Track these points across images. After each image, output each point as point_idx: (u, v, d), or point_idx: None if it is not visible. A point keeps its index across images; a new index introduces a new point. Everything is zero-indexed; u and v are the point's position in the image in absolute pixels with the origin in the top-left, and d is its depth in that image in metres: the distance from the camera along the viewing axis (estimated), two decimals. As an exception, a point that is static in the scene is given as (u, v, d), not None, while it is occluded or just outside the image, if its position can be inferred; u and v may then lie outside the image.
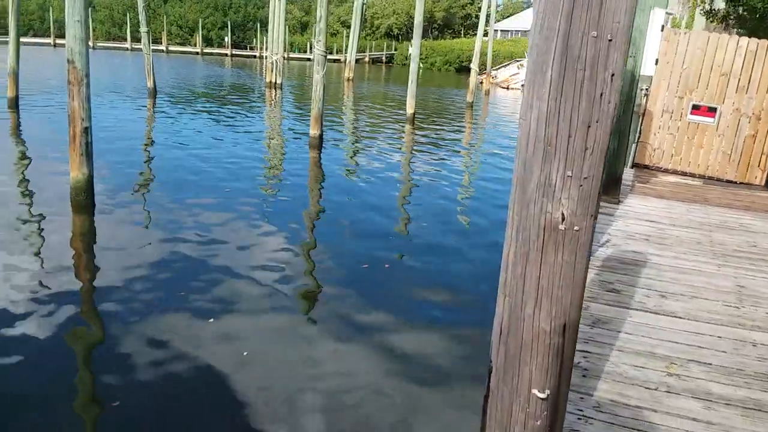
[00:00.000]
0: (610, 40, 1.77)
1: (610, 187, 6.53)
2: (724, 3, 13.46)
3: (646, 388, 3.03)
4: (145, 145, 13.64)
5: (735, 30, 14.68)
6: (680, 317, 3.86)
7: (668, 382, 3.09)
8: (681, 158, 8.54)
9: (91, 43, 56.66)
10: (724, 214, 6.58)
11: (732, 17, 14.08)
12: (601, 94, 1.82)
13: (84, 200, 8.06)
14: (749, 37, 8.34)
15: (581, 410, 2.83)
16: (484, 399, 2.26)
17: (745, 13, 13.39)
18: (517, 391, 2.10)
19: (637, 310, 3.94)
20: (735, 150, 8.24)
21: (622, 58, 1.82)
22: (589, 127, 1.84)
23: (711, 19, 14.03)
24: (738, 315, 3.91)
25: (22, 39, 18.36)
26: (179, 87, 26.99)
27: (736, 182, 8.27)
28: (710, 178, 8.40)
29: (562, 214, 1.90)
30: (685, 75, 8.25)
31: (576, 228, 1.92)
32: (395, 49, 68.79)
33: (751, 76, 7.96)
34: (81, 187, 8.05)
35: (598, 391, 3.00)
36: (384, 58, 67.81)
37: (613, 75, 1.81)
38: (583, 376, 3.13)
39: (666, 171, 8.58)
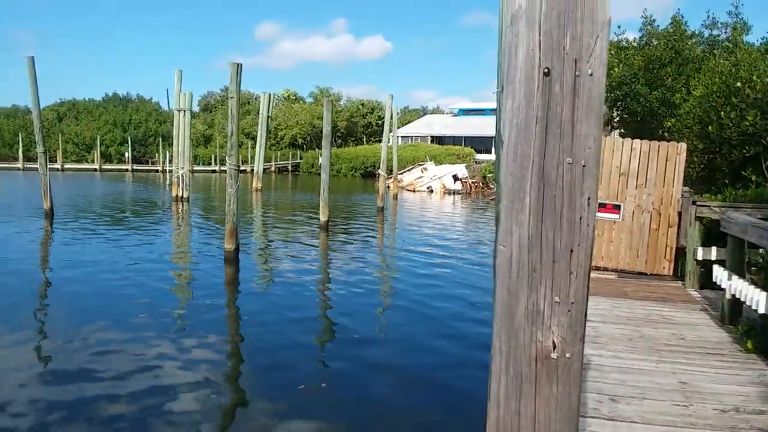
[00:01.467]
0: (584, 166, 1.79)
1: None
2: (606, 108, 14.77)
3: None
4: (41, 271, 12.71)
5: (618, 132, 16.09)
6: (635, 422, 3.82)
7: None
8: (594, 254, 8.91)
9: (-21, 164, 53.93)
10: (645, 307, 6.82)
11: (615, 120, 15.45)
12: (581, 218, 1.81)
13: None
14: (632, 138, 9.10)
15: None
16: None
17: (626, 116, 14.74)
18: None
19: (594, 417, 3.87)
20: (642, 244, 8.72)
21: (596, 182, 1.84)
22: (572, 251, 1.81)
23: (597, 123, 15.31)
24: (689, 414, 3.92)
25: None
26: (79, 206, 25.85)
27: (647, 274, 8.69)
28: (623, 271, 8.79)
29: (553, 342, 1.83)
30: (588, 176, 8.79)
31: (568, 355, 1.84)
32: (300, 158, 70.13)
33: (647, 174, 8.60)
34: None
35: None
36: (290, 166, 68.82)
37: (589, 199, 1.82)
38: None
39: (582, 267, 8.91)
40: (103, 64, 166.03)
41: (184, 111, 27.68)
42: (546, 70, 1.77)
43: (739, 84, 9.03)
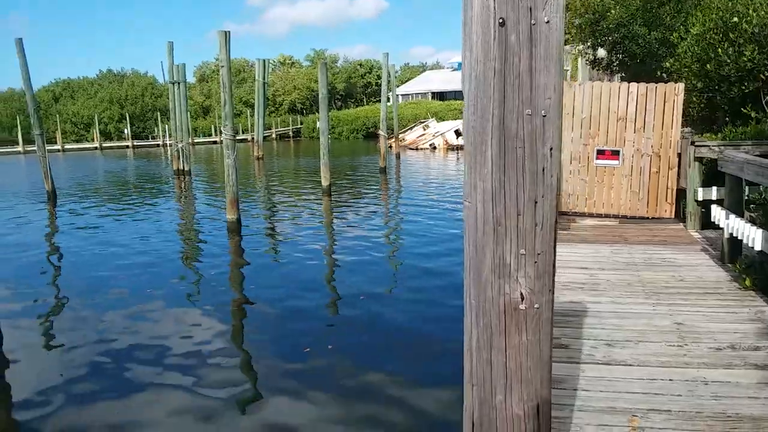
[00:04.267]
0: (544, 116, 1.77)
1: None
2: (605, 52, 14.50)
3: (615, 448, 2.96)
4: (48, 252, 12.83)
5: (619, 76, 15.82)
6: (630, 365, 3.86)
7: (635, 437, 3.04)
8: (595, 201, 8.90)
9: (-20, 150, 53.98)
10: (646, 251, 6.83)
11: (615, 64, 15.18)
12: (543, 169, 1.80)
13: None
14: (631, 80, 8.96)
15: (557, 484, 2.71)
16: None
17: (626, 59, 14.47)
18: (501, 488, 1.96)
19: (588, 363, 3.92)
20: (642, 188, 8.68)
21: (558, 132, 1.82)
22: (536, 202, 1.81)
23: (596, 67, 15.06)
24: (683, 354, 3.97)
25: None
26: (81, 186, 25.93)
27: (648, 218, 8.67)
28: (624, 216, 8.78)
29: (521, 294, 1.84)
30: (585, 123, 8.71)
31: (536, 306, 1.86)
32: (301, 123, 69.66)
33: (645, 117, 8.50)
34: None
35: (570, 459, 2.90)
36: (291, 132, 68.46)
37: (551, 149, 1.80)
38: (552, 444, 3.02)
39: (584, 215, 8.90)
40: (94, 43, 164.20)
41: (179, 83, 27.46)
42: (501, 21, 1.74)
43: (735, 19, 8.83)
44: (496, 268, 1.83)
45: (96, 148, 59.75)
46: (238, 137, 58.49)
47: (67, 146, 59.79)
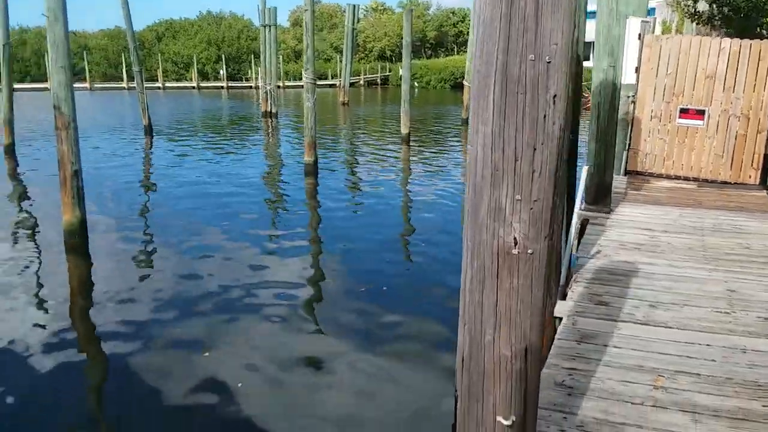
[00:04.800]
0: (548, 62, 1.76)
1: (600, 196, 6.50)
2: (706, 4, 13.50)
3: (632, 403, 2.98)
4: (141, 182, 13.70)
5: (723, 30, 14.71)
6: (670, 327, 3.80)
7: (655, 396, 3.04)
8: (673, 162, 8.50)
9: (87, 85, 57.29)
10: (718, 217, 6.53)
11: (717, 18, 14.12)
12: (545, 116, 1.80)
13: (78, 242, 8.09)
14: (736, 36, 8.34)
15: (563, 430, 2.78)
16: (452, 429, 2.23)
17: (730, 12, 13.43)
18: (482, 420, 2.06)
19: (626, 322, 3.90)
20: (726, 151, 8.20)
21: (564, 79, 1.81)
22: (535, 149, 1.83)
23: (696, 21, 14.07)
24: (728, 321, 3.86)
25: (20, 85, 18.62)
26: (176, 123, 27.16)
27: (730, 183, 8.22)
28: (704, 180, 8.36)
29: (515, 239, 1.88)
30: (670, 80, 8.25)
31: (530, 251, 1.89)
32: (390, 71, 69.18)
33: (736, 76, 7.95)
34: (74, 230, 8.09)
35: (583, 409, 2.95)
36: (379, 80, 68.20)
37: (555, 96, 1.80)
38: (568, 394, 3.08)
39: (659, 176, 8.54)
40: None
41: (270, 26, 27.87)
42: (510, -38, 1.73)
43: None
44: (491, 211, 1.88)
45: (193, 87, 62.01)
46: (326, 82, 58.95)
47: (168, 84, 62.41)
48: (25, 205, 11.33)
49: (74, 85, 8.05)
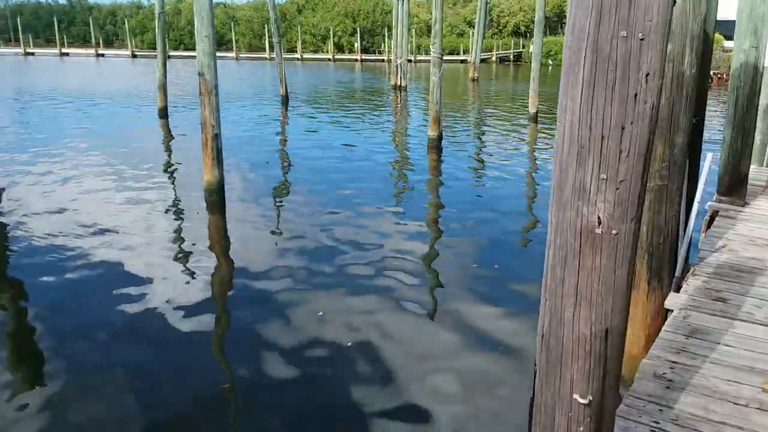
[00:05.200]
0: (641, 39, 1.72)
1: (734, 187, 6.03)
2: None
3: (735, 404, 2.83)
4: (276, 148, 14.50)
5: None
6: (792, 330, 3.52)
7: (762, 398, 2.86)
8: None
9: (234, 55, 60.80)
10: None
11: None
12: (635, 95, 1.76)
13: (215, 200, 8.84)
14: None
15: (657, 422, 2.70)
16: (531, 401, 2.25)
17: None
18: (559, 395, 2.07)
19: (743, 321, 3.66)
20: None
21: (659, 57, 1.76)
22: (623, 128, 1.79)
23: None
24: None
25: (173, 53, 20.23)
26: (311, 93, 28.27)
27: None
28: None
29: (599, 218, 1.86)
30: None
31: (614, 232, 1.87)
32: (523, 47, 67.12)
33: None
34: (213, 189, 8.83)
35: (680, 403, 2.84)
36: (512, 56, 66.44)
37: (647, 75, 1.75)
38: (667, 387, 2.97)
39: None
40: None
41: (402, 0, 28.01)
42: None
43: None
44: (576, 189, 1.86)
45: (329, 59, 63.96)
46: (457, 57, 58.34)
47: (306, 56, 64.86)
48: (174, 163, 12.42)
49: (221, 55, 8.69)
